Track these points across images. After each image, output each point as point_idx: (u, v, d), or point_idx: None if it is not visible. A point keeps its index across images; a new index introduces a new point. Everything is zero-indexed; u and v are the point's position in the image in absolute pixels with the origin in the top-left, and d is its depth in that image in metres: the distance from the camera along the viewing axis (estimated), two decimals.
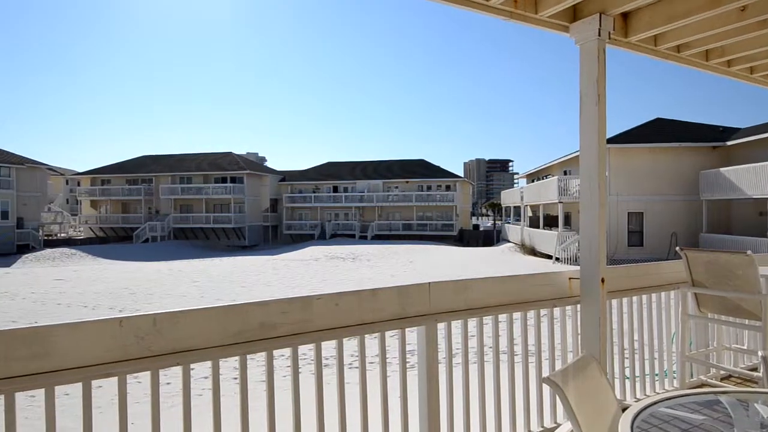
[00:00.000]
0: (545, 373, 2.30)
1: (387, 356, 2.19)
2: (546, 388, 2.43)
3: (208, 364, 1.72)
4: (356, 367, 6.59)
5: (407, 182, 47.62)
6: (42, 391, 1.46)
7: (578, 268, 2.68)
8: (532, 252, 28.21)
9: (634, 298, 3.20)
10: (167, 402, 1.69)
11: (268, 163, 67.01)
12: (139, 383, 3.61)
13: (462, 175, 53.22)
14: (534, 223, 31.82)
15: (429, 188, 47.66)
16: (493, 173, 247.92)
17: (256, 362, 6.53)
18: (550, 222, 28.92)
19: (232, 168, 46.07)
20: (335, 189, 49.09)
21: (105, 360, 1.51)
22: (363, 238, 44.23)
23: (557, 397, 2.49)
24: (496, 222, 53.77)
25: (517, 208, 39.68)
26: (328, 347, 2.15)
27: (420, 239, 43.10)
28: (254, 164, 52.49)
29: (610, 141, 23.01)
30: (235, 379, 5.13)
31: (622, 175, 23.98)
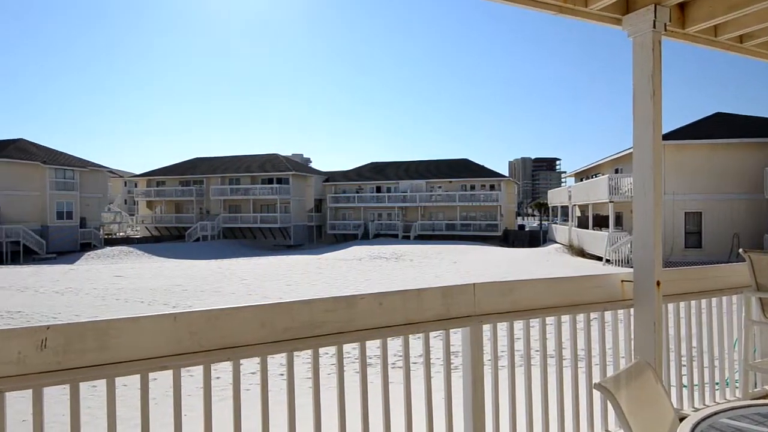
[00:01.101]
0: (596, 379, 2.22)
1: (430, 357, 2.18)
2: (597, 395, 2.35)
3: (256, 360, 1.76)
4: (399, 367, 6.58)
5: (450, 182, 47.25)
6: (103, 381, 1.54)
7: (631, 270, 2.58)
8: (581, 253, 27.33)
9: (692, 303, 3.04)
10: (216, 396, 1.75)
11: (313, 164, 68.18)
12: (191, 376, 3.75)
13: (506, 175, 52.28)
14: (583, 224, 30.81)
15: (473, 188, 47.08)
16: (539, 172, 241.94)
17: (301, 359, 6.65)
18: (600, 222, 27.91)
19: (278, 169, 47.19)
20: (378, 189, 49.34)
21: (161, 353, 1.58)
22: (406, 238, 44.23)
23: (608, 404, 2.40)
24: (543, 222, 52.46)
25: (564, 208, 38.54)
26: (371, 346, 2.17)
27: (463, 239, 42.65)
28: (299, 165, 53.55)
29: (665, 137, 21.95)
30: (281, 375, 5.22)
31: (679, 173, 22.82)
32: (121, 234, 50.99)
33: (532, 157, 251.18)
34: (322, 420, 1.87)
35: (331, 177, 51.84)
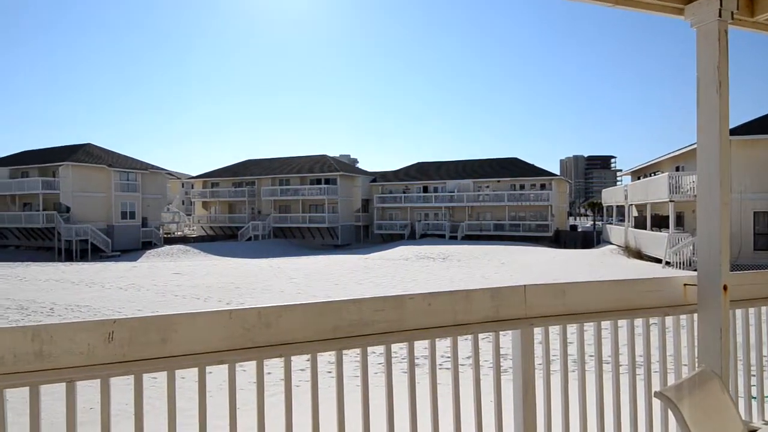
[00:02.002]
0: (655, 387, 2.11)
1: (479, 359, 2.14)
2: (657, 403, 2.24)
3: (305, 357, 1.80)
4: (447, 368, 6.52)
5: (498, 182, 46.41)
6: (164, 373, 1.62)
7: (694, 273, 2.43)
8: (638, 255, 26.12)
9: (764, 309, 2.84)
10: (267, 391, 1.80)
11: (360, 165, 68.99)
12: (243, 371, 3.89)
13: (558, 173, 50.73)
14: (640, 224, 29.42)
15: (522, 187, 46.03)
16: (592, 170, 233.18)
17: (349, 357, 6.73)
18: (659, 222, 26.56)
19: (327, 170, 47.99)
20: (425, 189, 49.18)
21: (217, 348, 1.65)
22: (453, 239, 43.83)
23: (669, 414, 2.28)
24: (596, 222, 50.53)
25: (620, 208, 36.96)
26: (419, 347, 2.16)
27: (512, 240, 41.76)
28: (347, 166, 54.23)
29: (733, 132, 20.59)
30: (330, 372, 5.30)
31: (748, 170, 21.36)
32: (178, 233, 53.46)
33: (585, 155, 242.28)
34: (371, 418, 1.89)
35: (378, 177, 52.16)
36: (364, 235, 49.65)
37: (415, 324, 1.95)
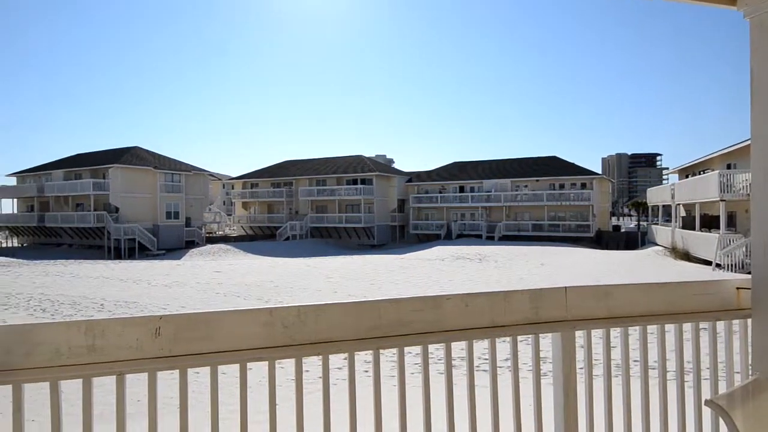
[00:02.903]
0: (705, 395, 2.02)
1: (518, 361, 2.11)
2: (707, 412, 2.14)
3: (342, 355, 1.81)
4: (484, 370, 6.42)
5: (537, 181, 45.46)
6: (207, 369, 1.67)
7: (748, 276, 2.31)
8: (686, 257, 25.03)
9: None
10: (305, 388, 1.83)
11: (396, 165, 69.04)
12: (282, 368, 3.96)
13: (599, 172, 49.26)
14: (688, 224, 28.18)
15: (562, 186, 44.93)
16: (636, 169, 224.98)
17: (384, 357, 6.75)
18: (709, 223, 25.36)
19: (363, 170, 48.30)
20: (461, 189, 48.75)
21: (257, 345, 1.68)
22: (490, 239, 43.25)
23: (720, 423, 2.17)
24: (641, 223, 48.75)
25: (666, 207, 35.53)
26: (455, 347, 2.14)
27: (552, 240, 40.82)
28: (383, 166, 54.40)
29: None
30: (366, 371, 5.33)
31: None
32: (220, 233, 55.03)
33: (629, 153, 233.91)
34: (408, 418, 1.88)
35: (413, 177, 52.07)
36: (400, 235, 49.67)
37: (453, 325, 1.94)
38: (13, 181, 50.02)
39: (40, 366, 1.49)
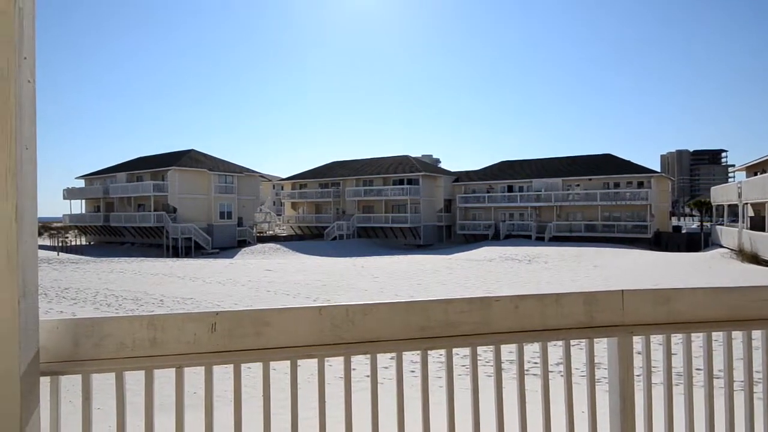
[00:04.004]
0: None
1: (571, 366, 2.04)
2: None
3: (389, 355, 1.82)
4: (534, 374, 6.28)
5: (590, 180, 43.85)
6: (259, 364, 1.72)
7: None
8: (754, 259, 23.41)
9: None
10: (353, 386, 1.85)
11: (442, 165, 68.53)
12: (329, 366, 4.01)
13: (658, 170, 46.93)
14: (757, 225, 26.34)
15: (617, 185, 43.13)
16: (699, 166, 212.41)
17: (431, 358, 6.71)
18: None
19: (409, 170, 48.28)
20: (510, 188, 47.77)
21: (307, 342, 1.72)
22: (540, 239, 42.14)
23: None
24: (704, 223, 46.02)
25: (732, 207, 33.35)
26: (504, 350, 2.10)
27: (606, 242, 39.26)
28: (429, 166, 54.18)
29: None
30: (412, 371, 5.31)
31: None
32: (270, 232, 56.57)
33: (691, 150, 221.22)
34: (456, 420, 1.87)
35: (460, 177, 51.52)
36: (447, 235, 49.28)
37: (502, 327, 1.90)
38: (81, 184, 53.51)
39: (107, 357, 1.59)
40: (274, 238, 49.78)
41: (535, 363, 6.90)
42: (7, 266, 1.32)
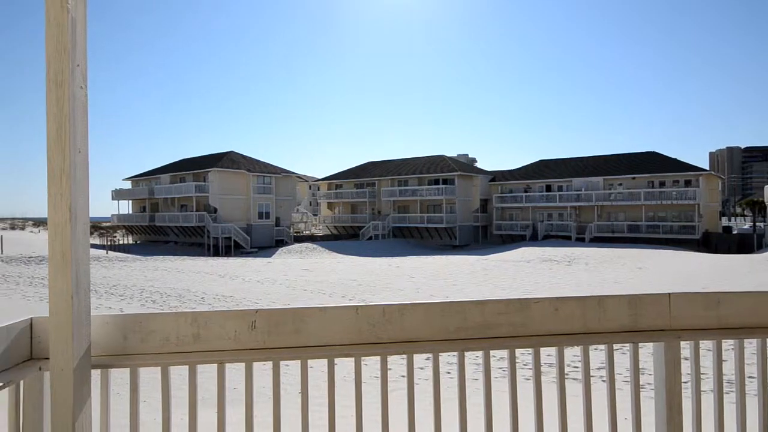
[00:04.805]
0: None
1: (614, 371, 1.97)
2: None
3: (425, 356, 1.81)
4: (574, 378, 6.11)
5: (634, 178, 42.34)
6: (297, 362, 1.74)
7: None
8: None
9: None
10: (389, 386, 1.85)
11: (478, 164, 67.67)
12: (365, 365, 4.04)
13: (707, 168, 44.85)
14: None
15: (662, 184, 41.48)
16: (751, 164, 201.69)
17: (466, 360, 6.64)
18: None
19: (444, 170, 47.96)
20: (548, 188, 46.71)
21: (344, 341, 1.73)
22: (580, 240, 41.02)
23: None
24: (757, 223, 43.66)
25: None
26: (543, 353, 2.05)
27: (650, 243, 37.84)
28: (465, 165, 53.65)
29: None
30: (449, 373, 5.26)
31: None
32: (306, 232, 57.41)
33: (742, 147, 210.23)
34: (494, 423, 1.84)
35: (497, 176, 50.78)
36: (483, 235, 48.66)
37: (541, 329, 1.86)
38: (128, 185, 55.84)
39: (153, 352, 1.65)
40: (311, 238, 50.46)
41: (575, 367, 6.72)
42: (62, 264, 1.39)
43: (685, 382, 1.99)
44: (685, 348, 2.00)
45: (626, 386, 2.07)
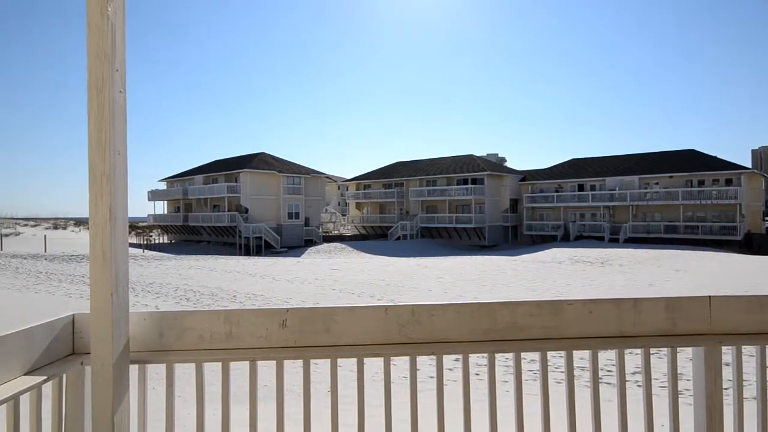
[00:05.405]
0: None
1: (651, 376, 1.91)
2: None
3: (454, 357, 1.80)
4: (608, 383, 5.93)
5: (671, 177, 40.97)
6: (327, 361, 1.76)
7: None
8: None
9: None
10: (418, 387, 1.85)
11: (508, 163, 66.71)
12: (394, 366, 4.04)
13: (749, 166, 42.97)
14: None
15: (701, 183, 39.99)
16: None
17: (497, 362, 6.56)
18: None
19: (473, 170, 47.52)
20: (580, 187, 45.67)
21: (373, 341, 1.74)
22: (614, 241, 39.96)
23: None
24: None
25: None
26: (576, 356, 2.01)
27: (688, 244, 36.52)
28: (494, 165, 53.01)
29: None
30: (477, 374, 5.18)
31: None
32: (335, 232, 57.85)
33: None
34: (525, 426, 1.81)
35: (527, 176, 49.98)
36: (513, 236, 47.98)
37: (574, 332, 1.82)
38: (163, 186, 57.48)
39: (188, 348, 1.69)
40: (340, 238, 50.82)
41: (609, 371, 6.55)
42: (102, 262, 1.45)
43: (726, 389, 1.91)
44: (726, 353, 1.93)
45: (663, 392, 2.01)
